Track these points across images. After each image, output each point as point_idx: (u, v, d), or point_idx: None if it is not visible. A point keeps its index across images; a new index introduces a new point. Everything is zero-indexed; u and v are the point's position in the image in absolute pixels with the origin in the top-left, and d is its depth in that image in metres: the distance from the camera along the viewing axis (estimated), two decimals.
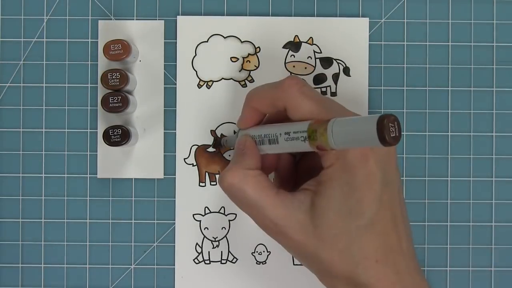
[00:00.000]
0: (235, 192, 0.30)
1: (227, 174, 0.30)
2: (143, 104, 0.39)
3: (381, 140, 0.23)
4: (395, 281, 0.28)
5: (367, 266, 0.28)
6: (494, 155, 0.39)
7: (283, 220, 0.29)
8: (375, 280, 0.28)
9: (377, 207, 0.28)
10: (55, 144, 0.39)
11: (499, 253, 0.39)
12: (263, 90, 0.32)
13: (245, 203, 0.31)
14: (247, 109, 0.33)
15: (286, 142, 0.29)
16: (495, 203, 0.39)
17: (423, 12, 0.39)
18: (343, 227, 0.28)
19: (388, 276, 0.28)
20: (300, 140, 0.28)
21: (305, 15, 0.39)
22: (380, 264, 0.28)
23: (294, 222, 0.29)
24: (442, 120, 0.39)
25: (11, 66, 0.39)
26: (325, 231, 0.28)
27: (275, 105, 0.31)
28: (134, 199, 0.39)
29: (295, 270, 0.38)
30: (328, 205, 0.28)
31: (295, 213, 0.29)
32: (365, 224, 0.28)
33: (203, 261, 0.39)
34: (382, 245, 0.28)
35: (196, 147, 0.39)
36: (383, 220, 0.28)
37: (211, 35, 0.39)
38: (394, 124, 0.23)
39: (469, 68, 0.39)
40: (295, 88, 0.30)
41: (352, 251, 0.28)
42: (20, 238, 0.39)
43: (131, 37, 0.39)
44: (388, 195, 0.29)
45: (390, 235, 0.29)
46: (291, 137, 0.29)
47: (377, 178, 0.28)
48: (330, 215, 0.28)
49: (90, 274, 0.39)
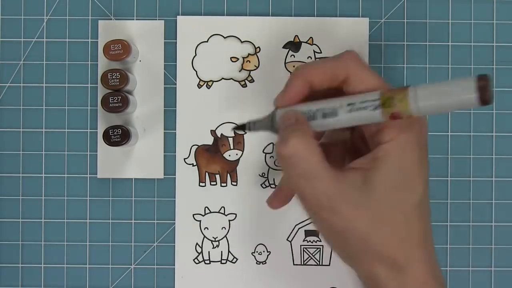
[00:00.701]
0: (297, 160, 0.28)
1: (291, 140, 0.28)
2: (143, 104, 0.39)
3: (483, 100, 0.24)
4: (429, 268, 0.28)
5: (408, 248, 0.28)
6: (494, 155, 0.39)
7: (337, 196, 0.28)
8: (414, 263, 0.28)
9: (424, 188, 0.28)
10: (55, 144, 0.39)
11: (499, 253, 0.39)
12: (321, 63, 0.31)
13: (302, 174, 0.28)
14: (297, 82, 0.30)
15: (348, 114, 0.28)
16: (495, 203, 0.39)
17: (423, 12, 0.39)
18: (397, 205, 0.28)
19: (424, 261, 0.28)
20: (368, 110, 0.27)
21: (305, 15, 0.39)
22: (420, 249, 0.28)
23: (350, 197, 0.28)
24: (442, 120, 0.39)
25: (11, 66, 0.39)
26: (380, 207, 0.28)
27: (335, 77, 0.29)
28: (134, 199, 0.39)
29: (295, 270, 0.38)
30: (385, 181, 0.28)
31: (350, 189, 0.28)
32: (415, 204, 0.28)
33: (203, 261, 0.39)
34: (423, 228, 0.28)
35: (196, 147, 0.39)
36: (425, 202, 0.29)
37: (211, 35, 0.39)
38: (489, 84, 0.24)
39: (469, 68, 0.39)
40: (357, 60, 0.29)
41: (401, 231, 0.28)
42: (20, 238, 0.39)
43: (131, 37, 0.39)
44: (427, 178, 0.29)
45: (427, 219, 0.29)
46: (357, 107, 0.28)
47: (425, 156, 0.29)
48: (386, 192, 0.28)
49: (90, 274, 0.39)
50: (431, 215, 0.30)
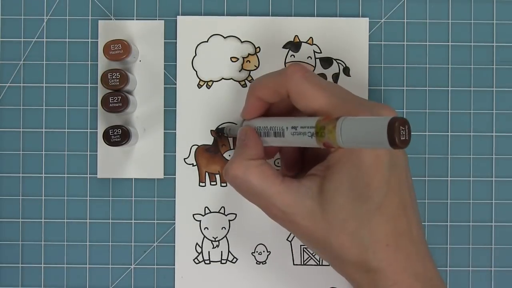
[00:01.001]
0: (240, 183, 0.30)
1: (231, 166, 0.30)
2: (143, 104, 0.39)
3: (390, 142, 0.23)
4: (406, 266, 0.28)
5: (377, 250, 0.28)
6: (494, 155, 0.39)
7: (290, 208, 0.29)
8: (386, 264, 0.28)
9: (385, 191, 0.28)
10: (55, 144, 0.39)
11: (499, 253, 0.39)
12: (266, 78, 0.31)
13: (251, 194, 0.30)
14: (251, 98, 0.32)
15: (292, 136, 0.29)
16: (495, 203, 0.39)
17: (423, 12, 0.39)
18: (352, 211, 0.28)
19: (398, 261, 0.28)
20: (307, 136, 0.28)
21: (305, 15, 0.39)
22: (391, 249, 0.28)
23: (302, 208, 0.29)
24: (442, 120, 0.39)
25: (11, 66, 0.39)
26: (334, 215, 0.28)
27: (278, 92, 0.30)
28: (134, 199, 0.39)
29: (295, 270, 0.38)
30: (337, 189, 0.28)
31: (303, 200, 0.29)
32: (374, 208, 0.28)
33: (203, 261, 0.39)
34: (392, 229, 0.28)
35: (196, 147, 0.39)
36: (392, 204, 0.28)
37: (211, 35, 0.39)
38: (405, 128, 0.23)
39: (469, 68, 0.39)
40: (299, 75, 0.29)
41: (362, 235, 0.28)
42: (20, 238, 0.39)
43: (131, 37, 0.39)
44: (396, 178, 0.28)
45: (399, 219, 0.28)
46: (298, 131, 0.28)
47: (385, 161, 0.28)
48: (338, 199, 0.28)
49: (90, 274, 0.39)
50: (414, 212, 0.29)
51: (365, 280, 0.29)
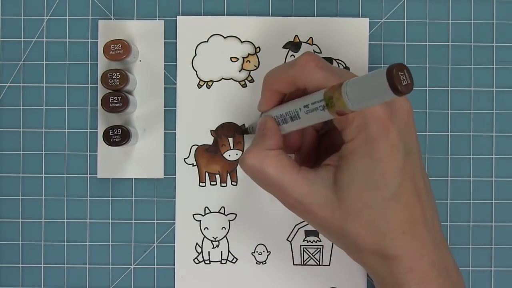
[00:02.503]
0: (256, 173, 0.30)
1: (248, 156, 0.30)
2: (143, 104, 0.39)
3: (394, 90, 0.23)
4: (423, 253, 0.28)
5: (393, 238, 0.28)
6: (494, 155, 0.39)
7: (307, 198, 0.29)
8: (403, 251, 0.28)
9: (400, 179, 0.28)
10: (55, 144, 0.39)
11: (499, 253, 0.39)
12: (280, 70, 0.31)
13: (268, 184, 0.30)
14: (266, 91, 0.32)
15: (307, 115, 0.29)
16: (495, 203, 0.39)
17: (423, 12, 0.39)
18: (367, 200, 0.28)
19: (415, 248, 0.28)
20: (319, 110, 0.28)
21: (305, 15, 0.39)
22: (407, 236, 0.28)
23: (318, 198, 0.29)
24: (442, 120, 0.39)
25: (11, 66, 0.39)
26: (350, 204, 0.28)
27: (294, 83, 0.30)
28: (134, 199, 0.39)
29: (295, 270, 0.38)
30: (352, 178, 0.28)
31: (319, 189, 0.29)
32: (389, 196, 0.28)
33: (203, 261, 0.39)
34: (407, 216, 0.28)
35: (196, 147, 0.39)
36: (407, 192, 0.28)
37: (211, 35, 0.39)
38: (403, 72, 0.23)
39: (469, 68, 0.39)
40: (313, 64, 0.29)
41: (378, 224, 0.28)
42: (20, 238, 0.39)
43: (131, 37, 0.39)
44: (410, 166, 0.29)
45: (415, 206, 0.29)
46: (311, 108, 0.28)
47: (399, 149, 0.28)
48: (354, 188, 0.28)
49: (90, 274, 0.39)
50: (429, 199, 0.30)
51: (381, 267, 0.29)
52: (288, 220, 0.38)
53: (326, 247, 0.39)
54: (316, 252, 0.39)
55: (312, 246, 0.39)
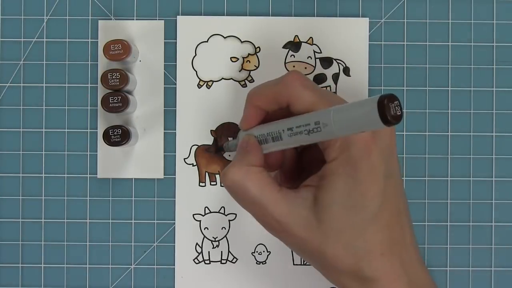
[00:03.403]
0: (237, 189, 0.30)
1: (229, 171, 0.30)
2: (143, 104, 0.39)
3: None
4: (401, 274, 0.28)
5: (372, 260, 0.28)
6: (494, 155, 0.39)
7: (286, 217, 0.29)
8: (381, 273, 0.28)
9: (381, 200, 0.28)
10: (55, 144, 0.39)
11: (499, 253, 0.39)
12: (264, 88, 0.31)
13: (247, 201, 0.30)
14: (249, 108, 0.32)
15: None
16: (495, 203, 0.39)
17: (423, 12, 0.39)
18: (347, 221, 0.28)
19: (393, 269, 0.28)
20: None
21: (305, 15, 0.39)
22: (386, 257, 0.28)
23: (298, 218, 0.29)
24: (442, 120, 0.39)
25: (11, 66, 0.39)
26: (329, 225, 0.28)
27: (278, 101, 0.30)
28: (134, 199, 0.39)
29: (295, 270, 0.38)
30: (332, 199, 0.28)
31: (298, 210, 0.29)
32: (369, 218, 0.28)
33: (203, 261, 0.39)
34: (386, 238, 0.28)
35: (196, 147, 0.39)
36: (387, 213, 0.28)
37: (211, 35, 0.39)
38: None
39: (469, 68, 0.39)
40: (298, 83, 0.29)
41: (357, 245, 0.28)
42: (20, 238, 0.39)
43: (131, 37, 0.39)
44: (391, 187, 0.29)
45: (394, 228, 0.28)
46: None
47: (381, 171, 0.28)
48: (334, 209, 0.28)
49: (90, 274, 0.39)
50: (407, 218, 0.30)
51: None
52: None
53: None
54: None
55: None
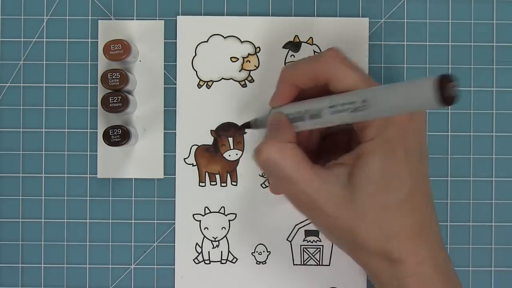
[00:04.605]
0: (271, 166, 0.30)
1: (263, 147, 0.30)
2: (143, 104, 0.39)
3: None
4: (428, 257, 0.28)
5: (401, 241, 0.28)
6: (494, 155, 0.39)
7: (319, 194, 0.29)
8: (408, 255, 0.28)
9: (414, 182, 0.28)
10: (55, 144, 0.39)
11: (499, 253, 0.39)
12: (302, 65, 0.31)
13: (281, 177, 0.30)
14: (284, 85, 0.32)
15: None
16: (495, 203, 0.39)
17: (423, 12, 0.39)
18: (380, 201, 0.28)
19: (421, 252, 0.28)
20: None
21: (305, 15, 0.39)
22: (414, 240, 0.28)
23: (331, 196, 0.28)
24: (442, 120, 0.39)
25: (11, 66, 0.39)
26: (362, 204, 0.28)
27: (316, 79, 0.30)
28: (134, 199, 0.39)
29: (295, 270, 0.38)
30: (368, 178, 0.28)
31: (333, 188, 0.29)
32: (403, 198, 0.28)
33: (203, 261, 0.39)
34: (417, 220, 0.28)
35: (196, 147, 0.39)
36: (419, 196, 0.28)
37: (211, 35, 0.39)
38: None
39: (469, 68, 0.39)
40: (338, 60, 0.29)
41: (388, 225, 0.28)
42: (20, 238, 0.39)
43: (131, 37, 0.39)
44: (423, 170, 0.29)
45: (424, 210, 0.29)
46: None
47: (416, 153, 0.28)
48: (368, 188, 0.28)
49: (90, 274, 0.39)
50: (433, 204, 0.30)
51: (384, 269, 0.29)
52: (288, 220, 0.38)
53: (326, 247, 0.39)
54: (316, 252, 0.39)
55: (312, 246, 0.39)
